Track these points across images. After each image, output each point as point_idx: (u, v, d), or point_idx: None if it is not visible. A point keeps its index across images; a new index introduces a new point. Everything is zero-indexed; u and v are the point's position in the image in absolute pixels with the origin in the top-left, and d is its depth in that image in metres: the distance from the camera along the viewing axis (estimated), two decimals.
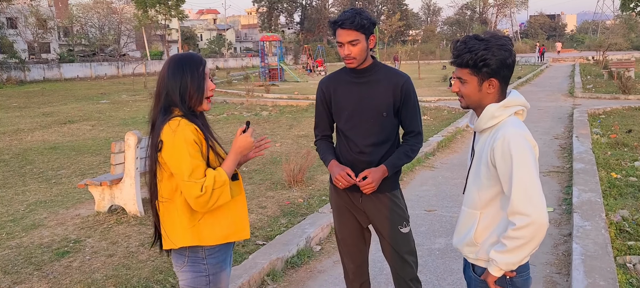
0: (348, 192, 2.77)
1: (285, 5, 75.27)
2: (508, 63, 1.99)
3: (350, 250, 2.90)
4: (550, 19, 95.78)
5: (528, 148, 1.92)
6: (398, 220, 2.76)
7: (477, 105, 2.07)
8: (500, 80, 2.01)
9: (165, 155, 2.13)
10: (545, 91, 18.99)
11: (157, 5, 44.62)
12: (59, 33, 54.10)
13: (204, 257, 2.25)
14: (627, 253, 4.17)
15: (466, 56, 1.99)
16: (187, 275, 2.26)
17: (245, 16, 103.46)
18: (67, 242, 4.89)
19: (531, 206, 1.85)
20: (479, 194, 2.07)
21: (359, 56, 2.59)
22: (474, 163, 2.13)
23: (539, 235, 1.87)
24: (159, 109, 2.22)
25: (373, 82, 2.66)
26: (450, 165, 7.79)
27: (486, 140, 2.04)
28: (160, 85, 2.22)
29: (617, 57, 36.84)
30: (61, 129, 13.13)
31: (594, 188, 5.75)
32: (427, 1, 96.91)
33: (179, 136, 2.10)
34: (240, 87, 23.88)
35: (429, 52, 60.77)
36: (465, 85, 2.05)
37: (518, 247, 1.89)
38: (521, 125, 1.99)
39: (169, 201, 2.20)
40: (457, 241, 2.19)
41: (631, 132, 9.66)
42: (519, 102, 2.03)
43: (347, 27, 2.53)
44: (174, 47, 59.80)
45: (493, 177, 1.99)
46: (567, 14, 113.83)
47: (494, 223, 2.05)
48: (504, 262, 1.94)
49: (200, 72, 2.22)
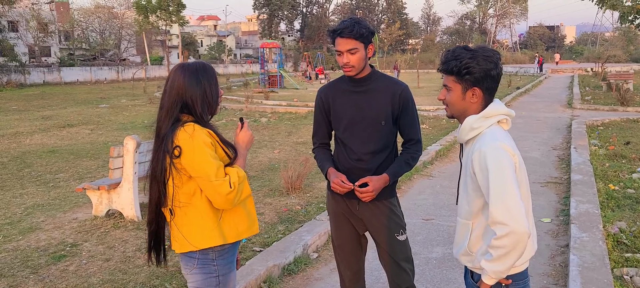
0: (345, 199, 2.78)
1: (286, 13, 75.40)
2: (492, 74, 2.04)
3: (347, 257, 2.91)
4: (550, 30, 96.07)
5: (505, 159, 1.94)
6: (395, 227, 2.76)
7: (460, 113, 2.11)
8: (484, 91, 2.05)
9: (186, 160, 2.14)
10: (544, 102, 19.04)
11: (158, 11, 44.71)
12: (59, 37, 54.22)
13: (214, 258, 2.27)
14: (624, 265, 4.17)
15: (452, 63, 2.05)
16: (197, 277, 2.28)
17: (245, 23, 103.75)
18: (64, 245, 4.88)
19: (508, 215, 1.87)
20: (468, 205, 2.10)
21: (358, 64, 2.62)
22: (461, 175, 2.17)
23: (520, 243, 1.89)
24: (172, 116, 2.22)
25: (371, 90, 2.68)
26: (448, 174, 7.79)
27: (469, 152, 2.08)
28: (178, 93, 2.22)
29: (615, 69, 36.93)
30: (60, 132, 13.13)
31: (591, 200, 5.76)
32: (427, 11, 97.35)
33: (197, 140, 2.14)
34: (240, 94, 23.91)
35: (429, 61, 60.87)
36: (450, 93, 2.10)
37: (502, 255, 1.91)
38: (500, 135, 2.01)
39: (187, 205, 2.22)
40: (456, 252, 2.23)
41: (629, 144, 9.68)
42: (500, 111, 2.06)
43: (345, 36, 2.57)
44: (174, 53, 59.94)
45: (477, 188, 2.03)
46: (567, 26, 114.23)
47: (485, 233, 2.09)
48: (493, 270, 1.97)
49: (216, 80, 2.31)
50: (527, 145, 10.01)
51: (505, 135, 2.05)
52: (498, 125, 2.08)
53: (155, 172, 2.22)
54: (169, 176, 2.19)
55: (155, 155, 2.23)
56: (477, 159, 1.98)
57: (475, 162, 1.99)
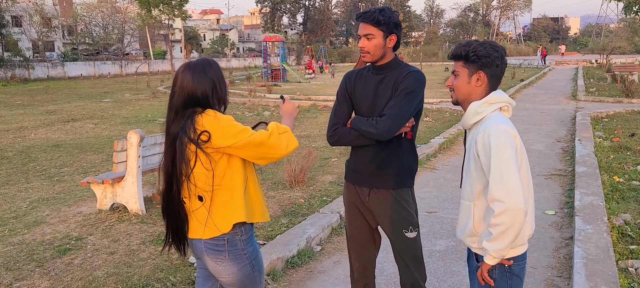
0: (357, 187, 2.79)
1: (289, 6, 75.27)
2: (497, 63, 2.19)
3: (357, 248, 2.90)
4: (554, 22, 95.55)
5: (507, 139, 2.05)
6: (403, 223, 2.71)
7: (465, 98, 2.25)
8: (489, 77, 2.20)
9: (218, 137, 2.20)
10: (548, 94, 18.96)
11: (160, 5, 44.66)
12: (63, 32, 54.29)
13: (243, 247, 2.34)
14: (629, 257, 4.16)
15: (462, 49, 2.22)
16: (232, 268, 2.32)
17: (248, 16, 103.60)
18: (68, 239, 4.91)
19: (506, 193, 1.97)
20: (471, 187, 2.20)
21: (373, 51, 2.64)
22: (465, 158, 2.29)
23: (517, 220, 1.98)
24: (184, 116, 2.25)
25: (387, 77, 2.70)
26: (451, 166, 7.78)
27: (473, 135, 2.20)
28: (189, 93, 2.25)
29: (620, 60, 36.72)
30: (64, 126, 13.17)
31: (596, 192, 5.74)
32: (430, 3, 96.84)
33: (223, 117, 2.24)
34: (243, 87, 23.89)
35: (432, 54, 60.73)
36: (457, 79, 2.26)
37: (501, 233, 2.00)
38: (503, 119, 2.14)
39: (219, 187, 2.26)
40: (459, 233, 2.32)
41: (634, 136, 9.64)
42: (502, 98, 2.20)
43: (364, 21, 2.63)
44: (177, 47, 59.91)
45: (479, 169, 2.14)
46: (571, 17, 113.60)
47: (487, 214, 2.16)
48: (494, 249, 2.05)
49: (222, 74, 2.39)
50: (531, 137, 9.98)
51: (507, 119, 2.16)
52: (500, 111, 2.20)
53: (175, 166, 2.24)
54: (195, 164, 2.22)
55: (170, 150, 2.25)
56: (480, 140, 2.10)
57: (479, 143, 2.10)
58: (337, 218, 5.21)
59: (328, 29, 77.35)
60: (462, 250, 4.51)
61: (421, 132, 10.88)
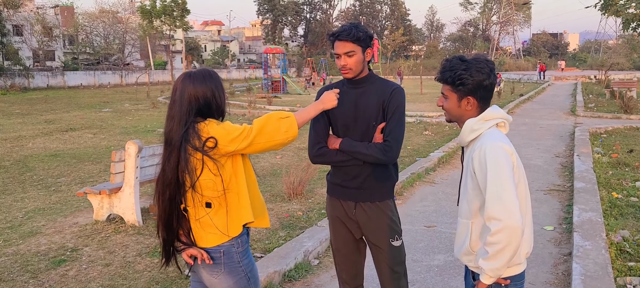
0: (342, 201, 2.81)
1: (290, 19, 75.65)
2: (485, 85, 2.16)
3: (343, 260, 2.93)
4: (553, 38, 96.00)
5: (503, 157, 2.03)
6: (390, 233, 2.77)
7: (457, 119, 2.25)
8: (478, 99, 2.18)
9: (224, 141, 2.20)
10: (547, 109, 19.00)
11: (162, 16, 44.89)
12: (64, 41, 54.43)
13: (239, 260, 2.32)
14: (627, 274, 4.13)
15: (447, 74, 2.18)
16: (228, 282, 2.31)
17: (249, 28, 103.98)
18: (64, 250, 4.87)
19: (503, 210, 1.95)
20: (468, 205, 2.18)
21: (355, 67, 2.68)
22: (462, 176, 2.27)
23: (514, 239, 1.95)
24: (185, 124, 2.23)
25: (365, 92, 2.74)
26: (450, 180, 7.76)
27: (470, 152, 2.18)
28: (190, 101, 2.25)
29: (619, 76, 36.80)
30: (63, 136, 13.15)
31: (594, 208, 5.72)
32: (431, 17, 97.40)
33: (227, 123, 2.26)
34: (243, 99, 23.94)
35: (432, 68, 60.86)
36: (447, 101, 2.24)
37: (498, 252, 1.97)
38: (499, 136, 2.13)
39: (227, 190, 2.26)
40: (456, 251, 2.29)
41: (633, 152, 9.63)
42: (498, 115, 2.18)
43: (343, 39, 2.64)
44: (177, 58, 60.08)
45: (476, 186, 2.11)
46: (570, 33, 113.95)
47: (483, 232, 2.13)
48: (490, 268, 2.01)
49: (222, 85, 2.38)
50: (530, 152, 9.97)
51: (504, 136, 2.15)
52: (496, 127, 2.18)
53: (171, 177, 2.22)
54: (201, 172, 2.22)
55: (172, 160, 2.22)
56: (477, 157, 2.08)
57: (476, 160, 2.08)
58: None
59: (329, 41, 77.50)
60: (461, 265, 4.48)
61: (421, 145, 10.87)
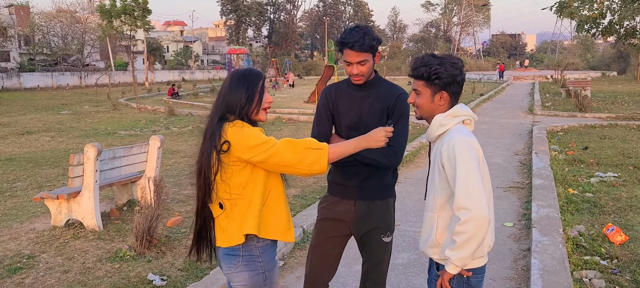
0: (342, 200, 2.80)
1: (254, 19, 75.16)
2: (458, 80, 2.24)
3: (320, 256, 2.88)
4: (511, 38, 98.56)
5: (471, 151, 2.12)
6: (384, 229, 2.80)
7: (429, 115, 2.31)
8: (451, 94, 2.25)
9: (237, 148, 2.18)
10: (506, 108, 19.49)
11: (122, 16, 43.85)
12: (19, 41, 52.50)
13: (259, 254, 2.30)
14: (583, 268, 4.28)
15: (422, 69, 2.24)
16: (244, 275, 2.30)
17: (212, 29, 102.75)
18: (20, 257, 4.70)
19: (471, 201, 2.02)
20: (435, 198, 2.24)
21: (367, 74, 2.70)
22: (430, 170, 2.33)
23: (481, 228, 2.03)
24: (216, 117, 2.28)
25: (371, 94, 2.74)
26: (414, 179, 7.87)
27: (437, 147, 2.25)
28: (223, 97, 2.31)
29: (574, 76, 38.15)
30: (18, 139, 12.69)
31: (552, 204, 5.91)
32: (393, 18, 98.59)
33: (247, 128, 2.22)
34: (207, 100, 23.65)
35: (395, 68, 61.67)
36: (419, 97, 2.29)
37: (465, 241, 2.04)
38: (466, 131, 2.21)
39: (239, 197, 2.25)
40: (422, 244, 2.35)
41: (587, 149, 9.99)
42: (465, 112, 2.26)
43: (356, 49, 2.61)
44: (139, 58, 58.83)
45: (444, 179, 2.18)
46: (528, 34, 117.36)
47: (450, 224, 2.19)
48: (457, 257, 2.08)
49: (260, 86, 2.33)
50: (490, 150, 10.21)
51: (470, 132, 2.22)
52: (463, 124, 2.25)
53: (202, 169, 2.26)
54: (216, 171, 2.22)
55: (201, 152, 2.28)
56: (445, 151, 2.15)
57: (444, 154, 2.15)
58: (299, 233, 5.18)
59: (293, 42, 77.56)
60: (424, 263, 4.55)
61: None
